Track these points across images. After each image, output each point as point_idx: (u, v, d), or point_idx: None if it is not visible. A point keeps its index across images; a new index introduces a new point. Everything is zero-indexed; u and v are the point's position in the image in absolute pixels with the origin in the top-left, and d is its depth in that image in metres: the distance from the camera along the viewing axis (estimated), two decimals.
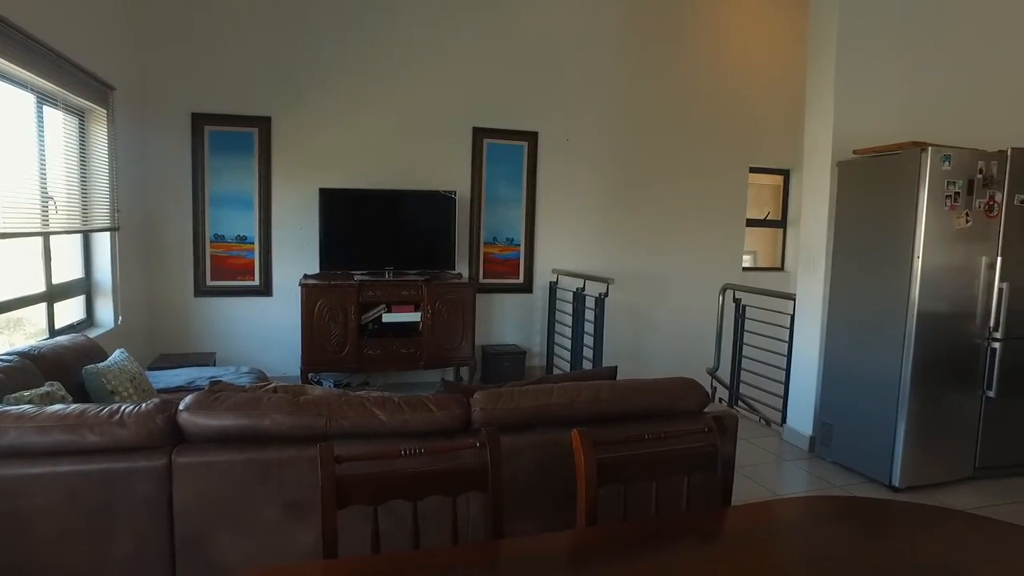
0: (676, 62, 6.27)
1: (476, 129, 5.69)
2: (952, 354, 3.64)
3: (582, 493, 1.52)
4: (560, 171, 5.98)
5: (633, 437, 1.62)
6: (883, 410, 3.66)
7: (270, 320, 5.36)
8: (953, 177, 3.48)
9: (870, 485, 3.72)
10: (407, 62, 5.46)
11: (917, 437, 3.60)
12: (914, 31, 4.16)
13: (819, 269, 4.13)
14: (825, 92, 4.08)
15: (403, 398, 2.19)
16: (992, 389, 3.71)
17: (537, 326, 6.03)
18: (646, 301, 6.36)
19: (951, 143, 3.77)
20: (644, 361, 6.22)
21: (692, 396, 2.41)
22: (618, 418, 2.31)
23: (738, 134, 6.53)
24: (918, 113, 4.20)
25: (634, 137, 6.20)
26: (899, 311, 3.57)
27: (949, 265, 3.55)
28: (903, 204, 3.54)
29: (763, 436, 4.55)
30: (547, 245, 6.00)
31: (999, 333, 3.68)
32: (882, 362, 3.67)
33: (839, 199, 4.01)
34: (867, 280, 3.80)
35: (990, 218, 3.60)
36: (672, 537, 1.47)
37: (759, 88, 6.51)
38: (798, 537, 1.53)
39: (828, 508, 1.71)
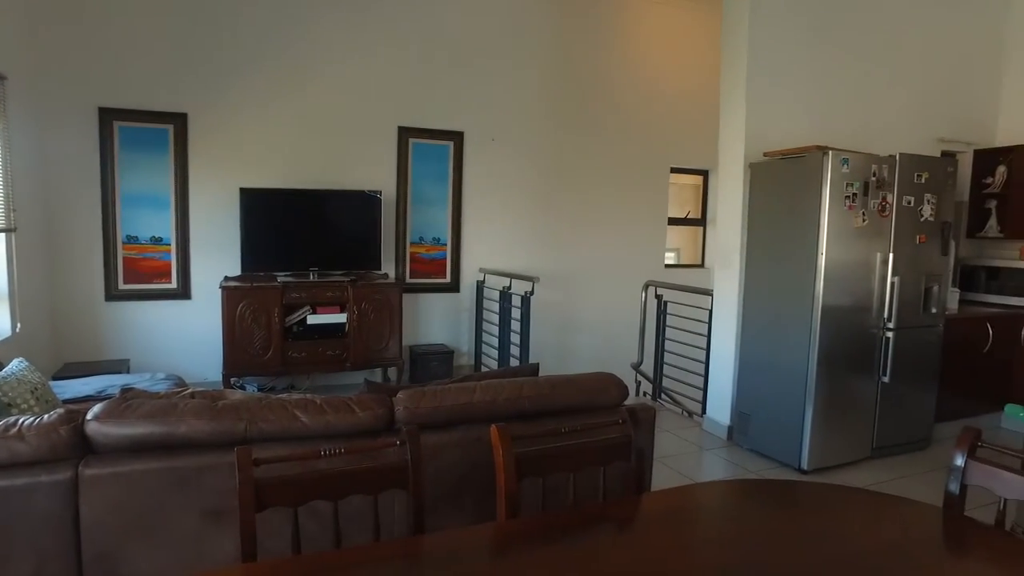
0: (599, 65, 6.42)
1: (402, 128, 5.66)
2: (852, 344, 3.90)
3: (501, 486, 1.56)
4: (486, 171, 6.02)
5: (550, 431, 1.67)
6: (793, 398, 3.88)
7: (189, 324, 5.17)
8: (851, 179, 3.72)
9: (782, 469, 3.93)
10: (331, 59, 5.37)
11: (823, 423, 3.83)
12: (816, 43, 4.42)
13: (734, 266, 4.33)
14: (737, 98, 4.28)
15: (326, 399, 2.17)
16: (887, 375, 4.00)
17: (465, 325, 6.06)
18: (572, 299, 6.48)
19: (850, 147, 4.05)
20: (570, 357, 6.34)
21: (611, 390, 2.49)
22: (540, 413, 2.36)
23: (659, 135, 6.75)
24: (821, 119, 4.47)
25: (559, 137, 6.31)
26: (806, 304, 3.79)
27: (849, 261, 3.80)
28: (808, 204, 3.76)
29: (685, 427, 4.73)
30: (474, 244, 6.03)
31: (892, 323, 3.97)
32: (791, 353, 3.89)
33: (751, 199, 4.22)
34: (777, 275, 4.02)
35: (883, 217, 3.87)
36: (590, 524, 1.52)
37: (679, 91, 6.75)
38: (710, 518, 1.62)
39: (739, 490, 1.81)
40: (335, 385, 5.52)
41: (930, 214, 4.05)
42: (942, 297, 4.21)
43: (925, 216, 4.04)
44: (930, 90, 5.02)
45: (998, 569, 1.38)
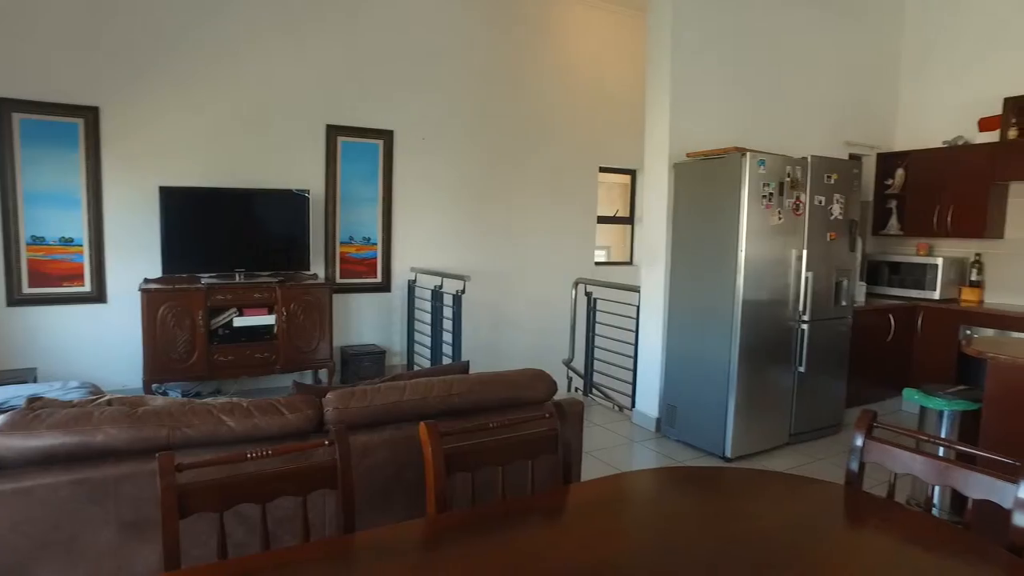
0: (529, 65, 6.49)
1: (330, 127, 5.56)
2: (771, 336, 4.09)
3: (430, 482, 1.58)
4: (417, 170, 5.99)
5: (477, 427, 1.70)
6: (716, 390, 4.05)
7: (105, 329, 4.92)
8: (768, 179, 3.91)
9: (707, 458, 4.09)
10: (257, 54, 5.22)
11: (744, 412, 4.01)
12: (735, 51, 4.62)
13: (660, 262, 4.47)
14: (662, 100, 4.42)
15: (253, 402, 2.13)
16: (802, 365, 4.23)
17: (397, 325, 6.01)
18: (504, 297, 6.53)
19: (767, 149, 4.25)
20: (503, 355, 6.39)
21: (539, 386, 2.55)
22: (470, 410, 2.39)
23: (588, 135, 6.89)
24: (741, 121, 4.67)
25: (490, 137, 6.35)
26: (727, 299, 3.96)
27: (767, 257, 3.99)
28: (728, 202, 3.93)
29: (615, 421, 4.85)
30: (405, 244, 5.99)
31: (807, 316, 4.20)
32: (715, 347, 4.05)
33: (675, 198, 4.37)
34: (701, 272, 4.18)
35: (797, 216, 4.08)
36: (519, 516, 1.56)
37: (608, 92, 6.90)
38: (634, 504, 1.69)
39: (662, 478, 1.88)
40: (264, 388, 5.38)
41: (839, 213, 4.30)
42: (851, 291, 4.48)
43: (835, 215, 4.28)
44: (838, 97, 5.32)
45: (888, 535, 1.50)
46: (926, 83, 5.62)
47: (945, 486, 1.62)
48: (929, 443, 1.76)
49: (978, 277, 5.22)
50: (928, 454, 1.67)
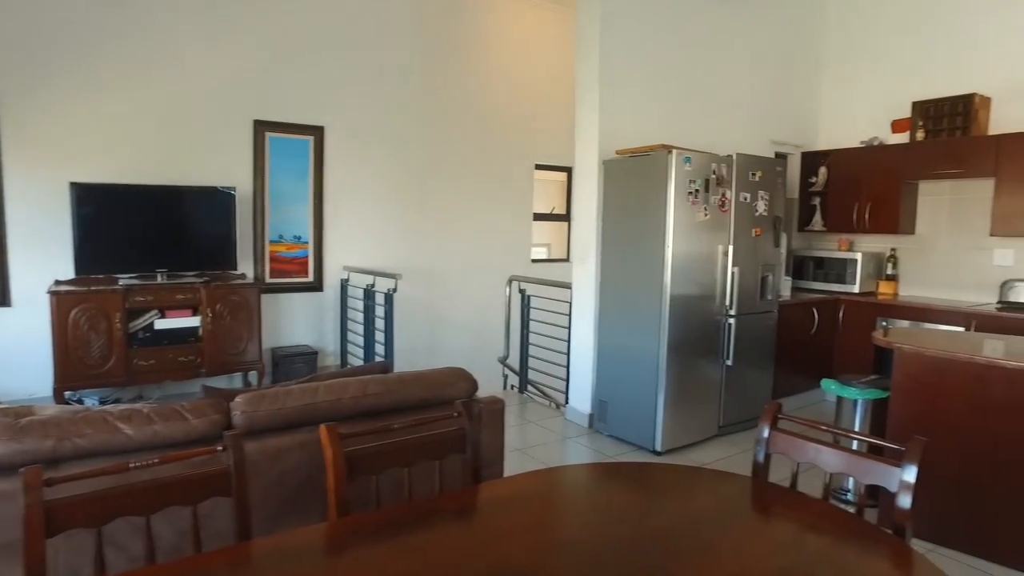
0: (465, 63, 6.45)
1: (257, 122, 5.39)
2: (699, 331, 4.17)
3: (331, 486, 1.53)
4: (349, 167, 5.88)
5: (381, 428, 1.66)
6: (646, 384, 4.09)
7: (8, 334, 4.64)
8: (694, 176, 3.98)
9: (638, 452, 4.14)
10: (179, 45, 5.01)
11: (674, 406, 4.08)
12: (664, 50, 4.68)
13: (591, 259, 4.50)
14: (591, 98, 4.44)
15: (154, 408, 2.03)
16: (730, 358, 4.32)
17: (330, 325, 5.89)
18: (441, 295, 6.48)
19: (696, 147, 4.32)
20: (440, 354, 6.34)
21: (460, 384, 2.51)
22: (388, 411, 2.34)
23: (525, 133, 6.89)
24: (670, 119, 4.74)
25: (424, 134, 6.28)
26: (655, 295, 4.01)
27: (694, 253, 4.06)
28: (656, 199, 3.98)
29: (550, 418, 4.86)
30: (338, 242, 5.87)
31: (733, 310, 4.29)
32: (644, 342, 4.10)
33: (605, 195, 4.40)
34: (630, 268, 4.22)
35: (723, 212, 4.17)
36: (424, 517, 1.52)
37: (544, 89, 6.92)
38: (542, 503, 1.67)
39: (575, 474, 1.87)
40: (191, 393, 5.18)
41: (764, 209, 4.42)
42: (776, 285, 4.61)
43: (760, 211, 4.39)
44: (764, 97, 5.47)
45: (785, 523, 1.53)
46: (846, 85, 5.83)
47: (842, 473, 1.66)
48: (826, 432, 1.79)
49: (893, 271, 5.45)
50: (824, 443, 1.72)
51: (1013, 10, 4.84)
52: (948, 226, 5.21)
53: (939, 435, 3.00)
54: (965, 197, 5.08)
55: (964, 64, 5.07)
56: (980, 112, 4.88)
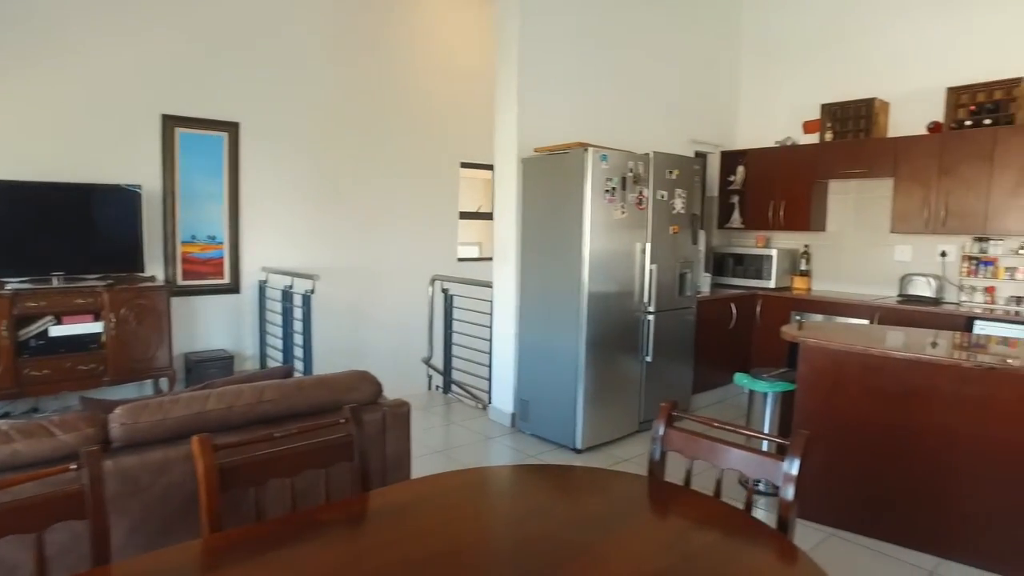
0: (388, 58, 6.32)
1: (166, 117, 5.13)
2: (618, 327, 4.20)
3: (203, 501, 1.44)
4: (267, 165, 5.67)
5: (260, 437, 1.57)
6: (566, 382, 4.10)
7: None
8: (610, 174, 4.00)
9: (559, 451, 4.14)
10: (77, 34, 4.70)
11: (594, 403, 4.09)
12: (585, 49, 4.70)
13: (511, 257, 4.47)
14: (510, 96, 4.41)
15: (16, 424, 1.87)
16: (649, 354, 4.37)
17: (248, 328, 5.67)
18: (365, 295, 6.34)
19: (617, 146, 4.35)
20: (364, 355, 6.21)
21: (363, 388, 2.44)
22: (285, 418, 2.24)
23: (450, 130, 6.82)
24: (590, 118, 4.76)
25: (346, 131, 6.13)
26: (573, 292, 4.02)
27: (612, 250, 4.08)
28: (573, 197, 3.98)
29: (474, 418, 4.82)
30: (255, 242, 5.65)
31: (652, 307, 4.35)
32: (563, 340, 4.10)
33: (524, 193, 4.38)
34: (549, 265, 4.21)
35: (640, 210, 4.21)
36: (305, 529, 1.45)
37: (468, 86, 6.86)
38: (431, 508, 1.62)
39: (469, 479, 1.83)
40: None
41: (681, 207, 4.49)
42: (694, 282, 4.70)
43: (677, 209, 4.46)
44: (684, 97, 5.58)
45: (673, 521, 1.53)
46: (763, 87, 6.01)
47: (731, 469, 1.67)
48: (715, 428, 1.81)
49: (807, 267, 5.65)
50: (716, 440, 1.73)
51: (910, 24, 5.08)
52: (855, 223, 5.44)
53: (839, 424, 3.11)
54: (869, 196, 5.31)
55: (867, 71, 5.30)
56: (880, 116, 5.11)
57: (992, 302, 4.71)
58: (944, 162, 4.67)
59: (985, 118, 4.53)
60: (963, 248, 4.83)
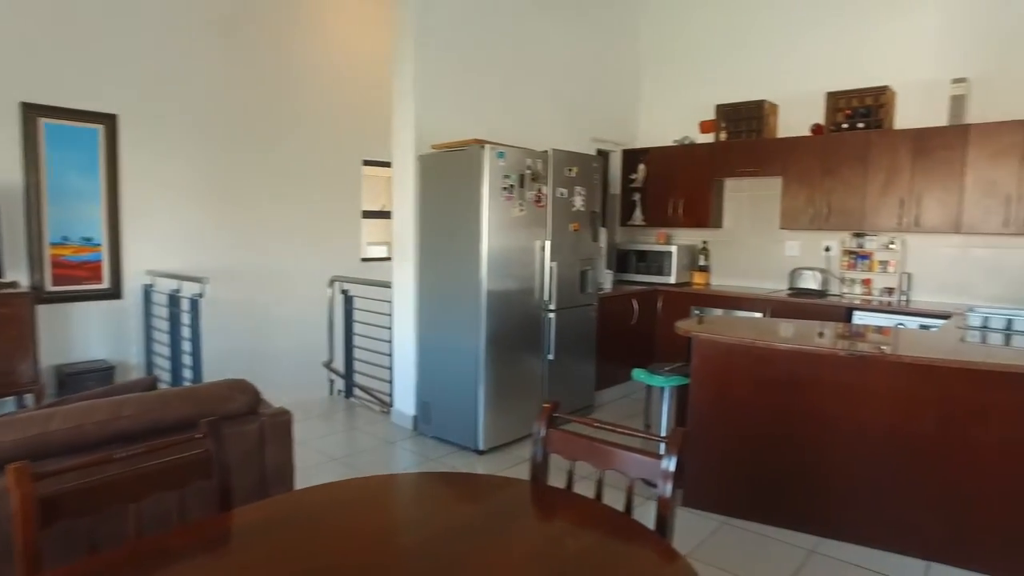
0: (283, 51, 6.05)
1: (27, 105, 4.68)
2: (519, 326, 4.17)
3: (18, 538, 1.27)
4: (151, 160, 5.29)
5: (96, 460, 1.41)
6: (467, 383, 4.02)
7: None
8: (508, 171, 3.96)
9: (461, 453, 4.06)
10: None
11: (496, 403, 4.04)
12: (484, 47, 4.64)
13: (409, 257, 4.36)
14: (407, 90, 4.29)
15: None
16: (551, 352, 4.37)
17: (133, 335, 5.28)
18: (264, 298, 6.05)
19: (520, 144, 4.30)
20: (266, 361, 5.93)
21: (238, 398, 2.27)
22: (148, 434, 2.05)
23: (351, 126, 6.61)
24: (490, 115, 4.71)
25: (240, 126, 5.81)
26: (472, 291, 3.95)
27: (511, 248, 4.04)
28: (470, 194, 3.91)
29: (376, 422, 4.67)
30: (139, 244, 5.26)
31: (553, 305, 4.34)
32: (463, 339, 4.03)
33: (422, 191, 4.28)
34: (447, 264, 4.13)
35: (539, 207, 4.19)
36: (152, 559, 1.31)
37: (370, 81, 6.66)
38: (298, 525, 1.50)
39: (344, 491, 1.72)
40: None
41: (581, 204, 4.51)
42: (595, 278, 4.73)
43: (577, 206, 4.48)
44: (586, 96, 5.62)
45: (551, 526, 1.48)
46: (661, 87, 6.15)
47: (611, 469, 1.65)
48: (596, 427, 1.78)
49: (705, 262, 5.83)
50: (597, 440, 1.70)
51: (794, 32, 5.33)
52: (749, 220, 5.65)
53: (731, 415, 3.19)
54: (761, 194, 5.53)
55: (757, 74, 5.52)
56: (770, 117, 5.33)
57: (869, 293, 5.00)
58: (826, 163, 4.91)
59: (859, 122, 4.79)
60: (843, 243, 5.11)
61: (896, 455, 2.84)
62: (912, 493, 2.83)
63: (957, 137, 4.40)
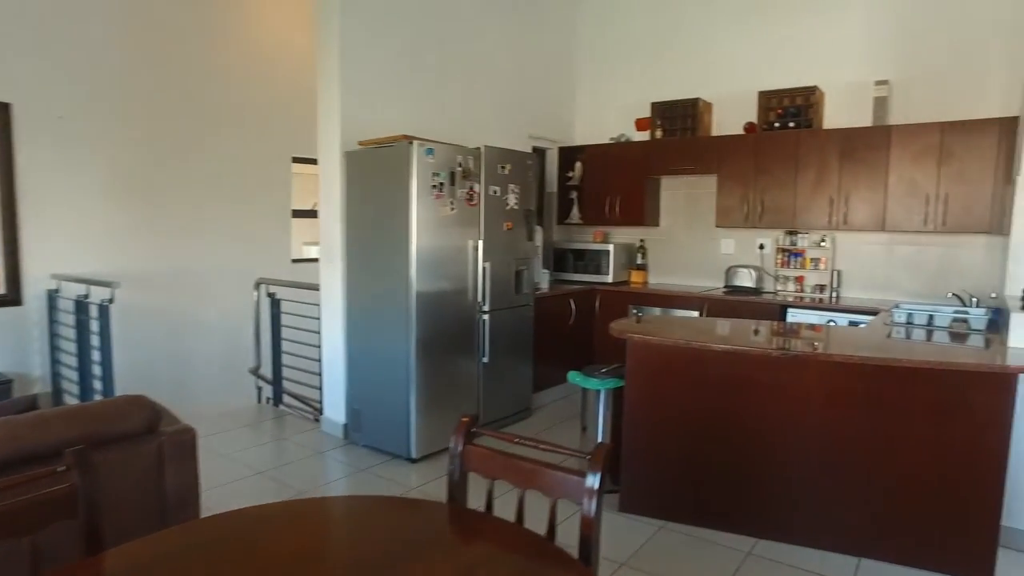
0: (205, 41, 5.72)
1: None
2: (452, 328, 4.03)
3: None
4: (55, 155, 4.91)
5: None
6: (398, 388, 3.86)
7: None
8: (438, 168, 3.81)
9: (393, 462, 3.90)
10: None
11: (429, 409, 3.89)
12: (414, 40, 4.47)
13: (337, 257, 4.16)
14: (332, 84, 4.08)
15: None
16: (486, 355, 4.24)
17: (36, 345, 4.89)
18: (188, 303, 5.72)
19: (453, 141, 4.15)
20: (189, 370, 5.61)
21: (135, 415, 2.07)
22: (27, 462, 1.84)
23: (279, 122, 6.32)
24: (420, 111, 4.55)
25: (159, 119, 5.47)
26: (402, 292, 3.78)
27: (442, 248, 3.89)
28: (398, 193, 3.75)
29: (305, 431, 4.46)
30: (41, 246, 4.86)
31: (487, 306, 4.22)
32: (393, 343, 3.86)
33: (349, 189, 4.09)
34: (375, 266, 3.95)
35: (471, 206, 4.06)
36: None
37: (297, 75, 6.38)
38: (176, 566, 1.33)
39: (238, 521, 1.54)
40: None
41: (515, 203, 4.39)
42: (531, 278, 4.63)
43: (511, 204, 4.36)
44: (521, 93, 5.52)
45: (465, 555, 1.36)
46: (598, 84, 6.10)
47: (532, 489, 1.54)
48: (517, 443, 1.67)
49: (643, 261, 5.81)
50: (516, 456, 1.58)
51: (727, 31, 5.36)
52: (686, 219, 5.66)
53: (667, 417, 3.14)
54: (697, 192, 5.54)
55: (692, 72, 5.53)
56: (705, 115, 5.34)
57: (802, 291, 5.07)
58: (759, 161, 4.94)
59: (790, 121, 4.85)
60: (777, 241, 5.16)
61: (827, 453, 2.84)
62: (842, 491, 2.83)
63: (881, 138, 4.49)
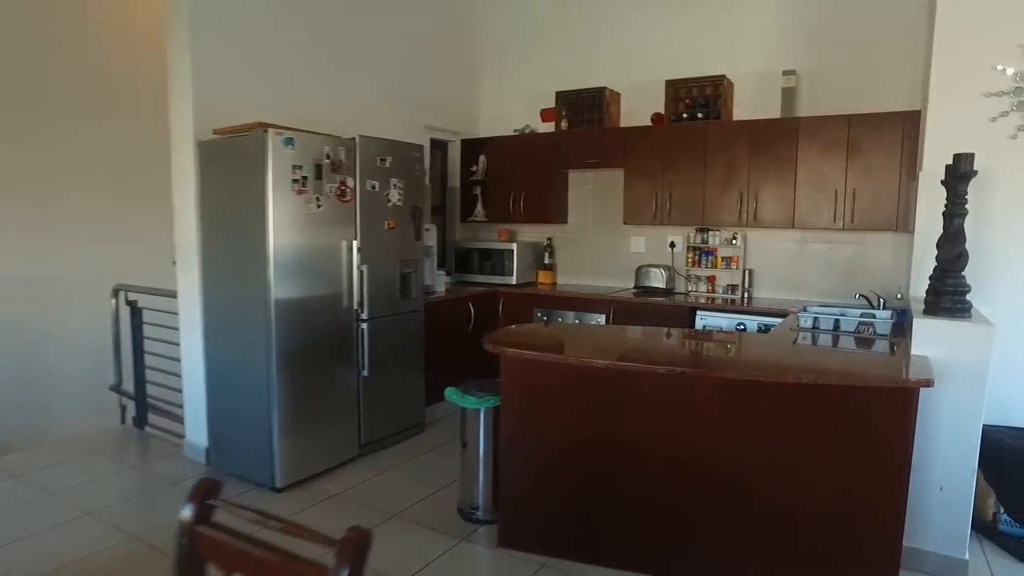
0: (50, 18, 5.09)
1: None
2: (324, 339, 3.60)
3: None
4: None
5: None
6: (258, 408, 3.41)
7: None
8: (299, 161, 3.36)
9: (256, 492, 3.45)
10: None
11: (296, 430, 3.46)
12: (288, 15, 4.00)
13: (193, 261, 3.67)
14: (184, 62, 3.58)
15: None
16: (366, 368, 3.83)
17: None
18: (46, 312, 5.08)
19: (331, 131, 3.67)
20: (45, 386, 5.00)
21: None
22: None
23: (156, 111, 5.70)
24: (295, 99, 4.07)
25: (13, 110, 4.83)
26: (260, 299, 3.33)
27: (307, 248, 3.45)
28: (254, 187, 3.29)
29: (166, 457, 3.96)
30: None
31: (366, 313, 3.80)
32: (252, 357, 3.41)
33: (203, 184, 3.60)
34: (231, 271, 3.49)
35: (343, 202, 3.63)
36: None
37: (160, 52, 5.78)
38: None
39: None
40: None
41: (398, 199, 3.99)
42: (420, 282, 4.23)
43: (393, 201, 3.95)
44: (416, 78, 5.10)
45: None
46: (501, 74, 5.75)
47: None
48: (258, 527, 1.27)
49: (551, 260, 5.49)
50: (259, 544, 1.19)
51: (633, 17, 5.08)
52: (594, 215, 5.36)
53: (546, 441, 2.80)
54: (605, 187, 5.25)
55: (598, 60, 5.23)
56: (612, 106, 5.04)
57: (713, 291, 4.84)
58: (667, 155, 4.68)
59: (699, 112, 4.59)
60: (688, 239, 4.91)
61: (722, 479, 2.54)
62: (740, 519, 2.54)
63: (789, 130, 4.27)
